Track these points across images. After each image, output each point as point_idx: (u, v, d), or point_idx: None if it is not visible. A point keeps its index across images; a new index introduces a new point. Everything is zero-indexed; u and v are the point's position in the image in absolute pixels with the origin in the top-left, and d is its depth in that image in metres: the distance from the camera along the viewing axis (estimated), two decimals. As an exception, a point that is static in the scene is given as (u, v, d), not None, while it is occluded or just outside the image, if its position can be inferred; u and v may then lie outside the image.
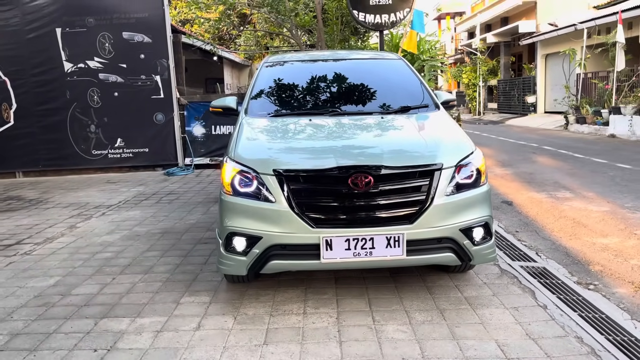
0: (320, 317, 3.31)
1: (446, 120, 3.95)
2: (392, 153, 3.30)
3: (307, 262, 3.24)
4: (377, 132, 3.72)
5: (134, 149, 10.15)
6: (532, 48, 24.81)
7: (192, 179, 9.24)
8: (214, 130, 10.41)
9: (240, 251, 3.29)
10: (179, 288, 3.88)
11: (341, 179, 3.15)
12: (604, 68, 16.91)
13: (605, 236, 4.95)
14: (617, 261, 4.27)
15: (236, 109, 4.42)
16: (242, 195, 3.30)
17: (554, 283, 3.75)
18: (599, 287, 3.74)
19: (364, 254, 3.18)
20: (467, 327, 3.11)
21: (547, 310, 3.30)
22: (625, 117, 13.25)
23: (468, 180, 3.35)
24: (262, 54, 21.46)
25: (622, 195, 6.60)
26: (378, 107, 4.16)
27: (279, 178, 3.21)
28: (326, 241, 3.15)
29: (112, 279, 4.13)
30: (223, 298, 3.68)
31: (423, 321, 3.21)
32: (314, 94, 4.37)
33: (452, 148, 3.45)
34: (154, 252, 4.80)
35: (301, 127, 3.82)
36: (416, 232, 3.18)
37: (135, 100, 9.95)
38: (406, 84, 4.50)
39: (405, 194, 3.20)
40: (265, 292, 3.74)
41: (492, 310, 3.34)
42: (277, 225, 3.19)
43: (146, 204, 7.07)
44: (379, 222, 3.17)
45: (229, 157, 3.50)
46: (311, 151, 3.41)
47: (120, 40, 9.82)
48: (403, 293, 3.65)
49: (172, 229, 5.67)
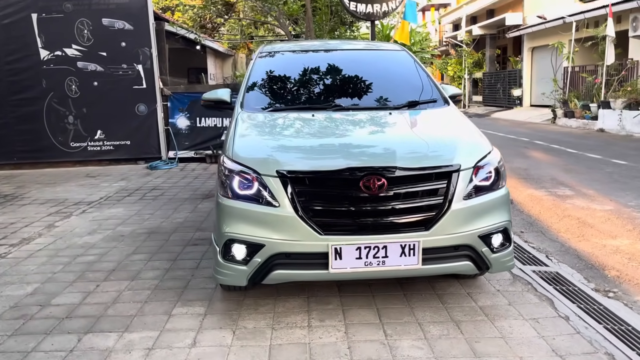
0: (327, 331, 3.04)
1: (458, 117, 3.70)
2: (406, 153, 3.03)
3: (313, 272, 2.96)
4: (387, 130, 3.44)
5: (114, 142, 9.72)
6: (517, 41, 24.77)
7: (176, 173, 8.87)
8: (198, 122, 10.03)
9: (240, 260, 3.00)
10: (170, 297, 3.58)
11: (352, 181, 2.88)
12: (592, 62, 16.89)
13: (614, 237, 4.77)
14: (632, 265, 4.09)
15: (230, 102, 4.12)
16: (242, 198, 3.01)
17: (571, 290, 3.54)
18: (619, 295, 3.55)
19: (376, 264, 2.91)
20: (488, 343, 2.87)
21: (569, 322, 3.08)
22: (615, 112, 13.21)
23: (486, 183, 3.10)
24: (246, 44, 21.01)
25: (623, 194, 6.46)
26: (384, 102, 3.89)
27: (282, 180, 2.92)
28: (335, 250, 2.87)
29: (95, 286, 3.80)
30: (219, 309, 3.38)
31: (439, 335, 2.97)
32: (314, 87, 4.07)
33: (469, 147, 3.20)
34: (140, 255, 4.47)
35: (304, 124, 3.52)
36: (432, 239, 2.92)
37: (116, 91, 9.50)
38: (412, 77, 4.23)
39: (420, 198, 2.94)
40: (264, 301, 3.46)
41: (511, 322, 3.11)
42: (281, 232, 2.91)
43: (129, 201, 6.71)
44: (392, 229, 2.91)
45: (226, 156, 3.19)
46: (317, 150, 3.12)
47: (99, 27, 9.35)
48: (413, 302, 3.40)
49: (158, 228, 5.34)
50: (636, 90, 12.99)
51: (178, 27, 12.17)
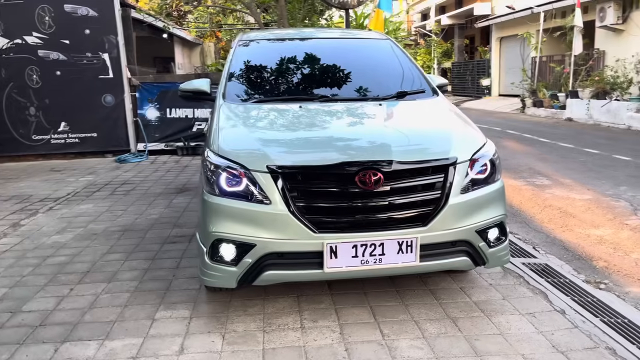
0: (322, 332, 2.92)
1: (449, 108, 3.60)
2: (402, 146, 2.92)
3: (307, 272, 2.82)
4: (379, 122, 3.31)
5: (80, 134, 9.32)
6: (484, 31, 25.00)
7: (147, 166, 8.56)
8: (169, 113, 9.70)
9: (229, 261, 2.84)
10: (152, 300, 3.38)
11: (347, 176, 2.74)
12: (559, 52, 17.15)
13: (597, 227, 4.79)
14: (618, 255, 4.10)
15: (210, 93, 3.91)
16: (230, 195, 2.83)
17: (563, 282, 3.51)
18: (610, 287, 3.54)
19: (372, 262, 2.80)
20: (488, 340, 2.80)
21: (566, 316, 3.04)
22: (583, 101, 13.45)
23: (482, 176, 3.02)
24: (214, 32, 20.56)
25: (599, 182, 6.53)
26: (372, 93, 3.75)
27: (273, 176, 2.76)
28: (330, 248, 2.74)
29: (69, 289, 3.57)
30: (205, 311, 3.21)
31: (437, 334, 2.88)
32: (299, 77, 3.90)
33: (464, 140, 3.10)
34: (115, 255, 4.24)
35: (291, 116, 3.36)
36: (430, 235, 2.82)
37: (80, 81, 9.08)
38: (398, 67, 4.11)
39: (418, 193, 2.83)
40: (252, 302, 3.31)
41: (508, 317, 3.05)
42: (273, 231, 2.76)
43: (99, 196, 6.42)
44: (389, 226, 2.79)
45: (210, 150, 3.01)
46: (309, 144, 2.97)
47: (61, 14, 8.90)
48: (406, 299, 3.31)
49: (133, 225, 5.10)
50: (603, 80, 13.25)
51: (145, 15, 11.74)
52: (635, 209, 5.33)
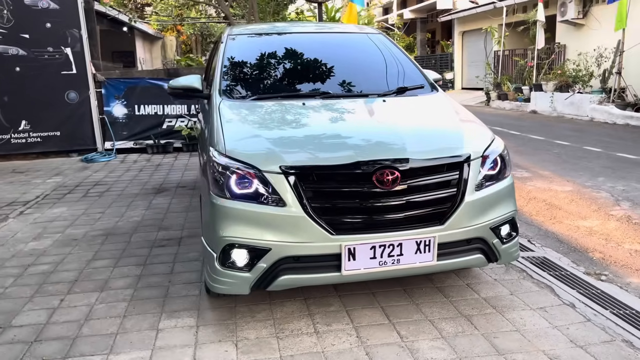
0: (338, 336, 2.84)
1: (453, 104, 3.57)
2: (416, 143, 2.85)
3: (325, 275, 2.73)
4: (389, 119, 3.24)
5: (42, 133, 8.88)
6: (446, 25, 25.35)
7: (117, 165, 8.24)
8: (137, 110, 9.36)
9: (241, 266, 2.72)
10: (152, 308, 3.22)
11: (364, 175, 2.67)
12: (522, 46, 17.54)
13: (584, 218, 4.89)
14: (611, 246, 4.19)
15: (202, 90, 3.75)
16: (242, 198, 2.71)
17: (565, 275, 3.55)
18: (611, 278, 3.59)
19: (390, 263, 2.73)
20: (506, 338, 2.78)
21: (576, 309, 3.07)
22: (547, 94, 13.82)
23: (493, 172, 3.00)
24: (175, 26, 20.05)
25: (577, 174, 6.68)
26: (373, 89, 3.68)
27: (288, 177, 2.65)
28: (349, 250, 2.66)
29: (59, 300, 3.36)
30: (211, 318, 3.08)
31: (455, 333, 2.84)
32: (298, 73, 3.79)
33: (474, 136, 3.08)
34: (103, 262, 4.03)
35: (297, 113, 3.24)
36: (447, 233, 2.78)
37: (42, 77, 8.63)
38: (395, 62, 4.05)
39: (434, 191, 2.78)
40: (259, 307, 3.19)
41: (520, 313, 3.05)
42: (288, 234, 2.65)
43: (71, 199, 6.11)
44: (407, 225, 2.73)
45: (217, 150, 2.87)
46: (321, 143, 2.87)
47: (21, 7, 8.41)
48: (416, 298, 3.27)
49: (115, 229, 4.87)
50: (565, 74, 13.64)
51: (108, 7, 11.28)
52: (616, 199, 5.48)
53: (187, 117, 9.42)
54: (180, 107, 9.46)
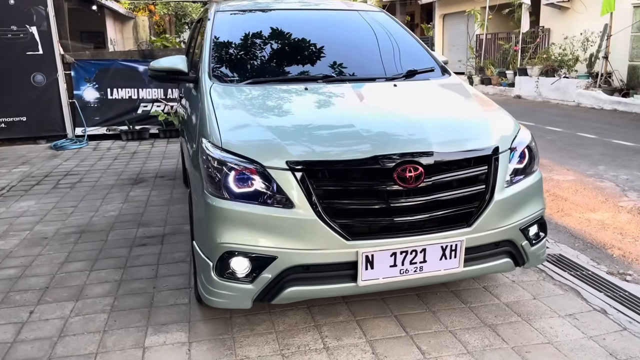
0: (351, 353, 2.51)
1: (470, 89, 3.24)
2: (439, 134, 2.51)
3: (338, 286, 2.39)
4: (404, 106, 2.88)
5: (6, 118, 8.28)
6: (426, 8, 24.97)
7: (89, 153, 7.72)
8: (110, 93, 8.79)
9: (242, 277, 2.35)
10: (136, 321, 2.83)
11: (384, 172, 2.32)
12: (505, 29, 17.30)
13: (593, 211, 4.65)
14: (628, 242, 3.95)
15: (187, 73, 3.33)
16: (242, 198, 2.33)
17: (587, 275, 3.28)
18: (637, 279, 3.34)
19: (413, 271, 2.40)
20: (539, 352, 2.49)
21: (608, 316, 2.80)
22: (532, 79, 13.64)
23: (521, 165, 2.69)
24: (146, 5, 19.23)
25: (576, 162, 6.46)
26: (379, 71, 3.32)
27: (296, 173, 2.29)
28: (366, 257, 2.32)
29: (29, 313, 2.94)
30: (205, 333, 2.71)
31: (482, 347, 2.54)
32: (295, 54, 3.39)
33: (500, 125, 2.75)
34: (77, 264, 3.61)
35: (300, 99, 2.86)
36: (475, 237, 2.46)
37: (5, 58, 8.00)
38: (400, 42, 3.68)
39: (461, 188, 2.45)
40: (257, 318, 2.84)
41: (549, 321, 2.76)
42: (297, 240, 2.29)
43: (40, 191, 5.62)
44: (431, 228, 2.40)
45: (210, 142, 2.47)
46: (332, 134, 2.50)
47: (-20, -19, 7.76)
48: (432, 305, 2.96)
49: (89, 225, 4.43)
50: (550, 58, 13.47)
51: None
52: (622, 190, 5.26)
53: (163, 102, 8.91)
54: (157, 90, 8.93)
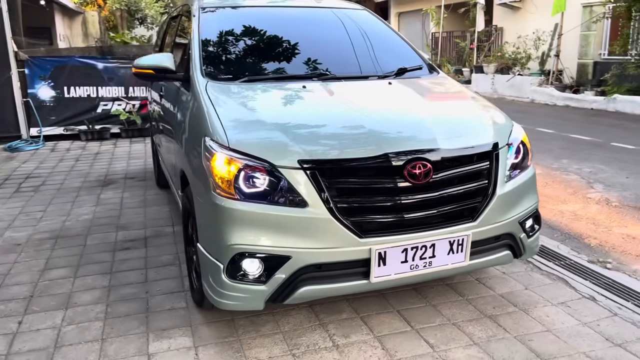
0: (362, 350, 2.52)
1: (461, 87, 3.31)
2: (444, 131, 2.55)
3: (351, 284, 2.39)
4: (404, 103, 2.92)
5: (-44, 119, 7.82)
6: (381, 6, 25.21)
7: (47, 155, 7.40)
8: (67, 92, 8.45)
9: (255, 278, 2.32)
10: (134, 327, 2.74)
11: (394, 169, 2.34)
12: (460, 28, 17.74)
13: (565, 203, 4.86)
14: (602, 231, 4.14)
15: (175, 71, 3.25)
16: (252, 198, 2.30)
17: (571, 265, 3.43)
18: (617, 266, 3.52)
19: (422, 266, 2.44)
20: (541, 340, 2.58)
21: (598, 302, 2.93)
22: (488, 76, 14.08)
23: (517, 161, 2.78)
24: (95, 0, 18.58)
25: (540, 156, 6.71)
26: (371, 70, 3.33)
27: (308, 172, 2.28)
28: (379, 254, 2.34)
29: (17, 323, 2.80)
30: (209, 336, 2.66)
31: (487, 338, 2.61)
32: (287, 51, 3.36)
33: (496, 122, 2.83)
34: (59, 271, 3.46)
35: (299, 97, 2.84)
36: (480, 231, 2.53)
37: (-47, 55, 7.57)
38: (387, 40, 3.74)
39: (466, 184, 2.51)
40: (261, 319, 2.81)
41: (544, 310, 2.87)
42: (311, 239, 2.29)
43: (2, 195, 5.35)
44: (440, 223, 2.45)
45: (216, 142, 2.42)
46: (340, 133, 2.49)
47: None
48: (430, 298, 3.01)
49: (64, 230, 4.25)
50: (504, 56, 13.94)
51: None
52: (588, 182, 5.52)
53: (125, 100, 8.64)
54: (117, 89, 8.66)
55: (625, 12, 10.49)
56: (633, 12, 10.39)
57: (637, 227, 4.23)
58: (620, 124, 9.30)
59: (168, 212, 4.67)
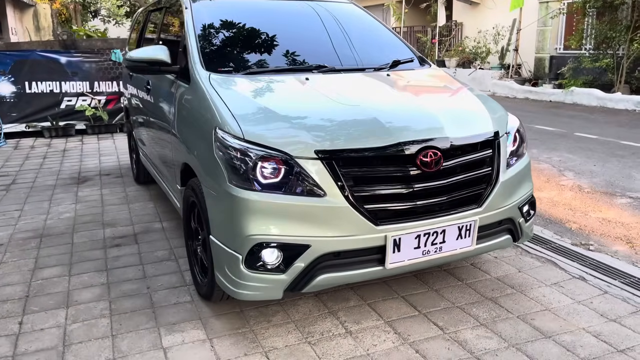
0: (376, 335, 2.58)
1: (455, 79, 3.40)
2: (450, 120, 2.64)
3: (367, 270, 2.45)
4: (408, 94, 2.99)
5: None
6: (339, 1, 25.39)
7: (11, 153, 7.13)
8: (28, 87, 8.15)
9: (274, 267, 2.34)
10: (143, 322, 2.71)
11: (407, 157, 2.41)
12: (422, 23, 18.03)
13: (540, 190, 5.07)
14: (579, 216, 4.36)
15: (170, 64, 3.21)
16: (270, 188, 2.32)
17: (557, 248, 3.60)
18: (598, 248, 3.72)
19: (433, 251, 2.53)
20: (542, 319, 2.72)
21: (588, 282, 3.11)
22: (450, 70, 14.40)
23: (514, 148, 2.90)
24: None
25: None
26: (367, 62, 3.38)
27: (325, 162, 2.32)
28: (394, 241, 2.40)
29: (18, 324, 2.72)
30: (221, 328, 2.66)
31: (492, 318, 2.73)
32: (283, 43, 3.36)
33: (494, 112, 2.94)
34: (52, 270, 3.37)
35: (304, 89, 2.86)
36: (485, 216, 2.63)
37: None
38: (377, 33, 3.80)
39: (472, 171, 2.61)
40: (269, 309, 2.83)
41: (540, 291, 3.02)
42: (329, 227, 2.33)
43: (-28, 194, 5.13)
44: (449, 210, 2.54)
45: (227, 132, 2.42)
46: (352, 123, 2.53)
47: None
48: (431, 283, 3.11)
49: (47, 229, 4.13)
50: (465, 51, 14.31)
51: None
52: (559, 170, 5.78)
53: (90, 96, 8.39)
54: (82, 83, 8.42)
55: (581, 8, 10.98)
56: (587, 8, 10.88)
57: (611, 211, 4.48)
58: (580, 115, 9.75)
59: (153, 208, 4.60)
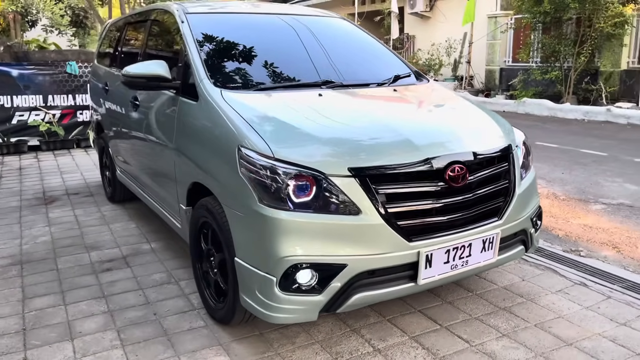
0: (405, 351, 2.57)
1: (457, 94, 3.47)
2: (469, 135, 2.69)
3: (400, 287, 2.43)
4: (423, 110, 3.02)
5: None
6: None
7: (-38, 172, 6.65)
8: (-17, 101, 7.66)
9: (310, 289, 2.29)
10: (161, 352, 2.57)
11: (436, 173, 2.43)
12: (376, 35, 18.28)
13: (520, 198, 5.24)
14: (563, 223, 4.54)
15: (171, 79, 3.11)
16: (303, 207, 2.27)
17: (552, 255, 3.72)
18: (589, 254, 3.87)
19: (460, 265, 2.55)
20: (559, 327, 2.79)
21: (590, 288, 3.22)
22: (405, 82, 14.71)
23: (523, 161, 2.99)
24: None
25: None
26: (370, 77, 3.38)
27: (359, 180, 2.29)
28: (427, 257, 2.40)
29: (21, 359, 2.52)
30: (246, 353, 2.56)
31: (512, 328, 2.77)
32: (285, 59, 3.31)
33: (502, 125, 3.01)
34: (43, 300, 3.14)
35: (321, 105, 2.82)
36: (505, 228, 2.69)
37: None
38: (373, 48, 3.82)
39: (493, 184, 2.66)
40: (290, 330, 2.76)
41: (548, 298, 3.10)
42: (364, 246, 2.30)
43: None
44: (474, 223, 2.57)
45: (254, 151, 2.35)
46: (378, 139, 2.51)
47: None
48: (442, 295, 3.14)
49: (26, 254, 3.86)
50: (418, 63, 14.68)
51: None
52: (532, 178, 6.00)
53: (43, 110, 7.98)
54: (35, 97, 8.00)
55: (530, 23, 11.55)
56: (535, 23, 11.45)
57: (589, 217, 4.69)
58: (535, 124, 10.21)
59: (136, 229, 4.40)
